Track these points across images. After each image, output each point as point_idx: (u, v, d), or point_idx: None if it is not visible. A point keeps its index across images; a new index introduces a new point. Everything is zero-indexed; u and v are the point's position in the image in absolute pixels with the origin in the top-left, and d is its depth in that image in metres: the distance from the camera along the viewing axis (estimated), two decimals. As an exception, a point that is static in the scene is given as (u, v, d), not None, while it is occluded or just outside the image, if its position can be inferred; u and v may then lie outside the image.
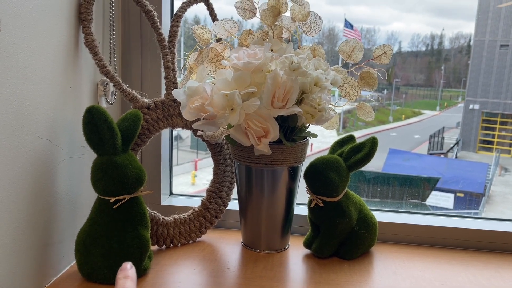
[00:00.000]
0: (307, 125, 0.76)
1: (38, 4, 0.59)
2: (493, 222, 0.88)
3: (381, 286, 0.70)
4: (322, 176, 0.75)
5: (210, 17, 0.85)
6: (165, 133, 0.91)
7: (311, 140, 0.81)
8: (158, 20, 0.77)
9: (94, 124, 0.63)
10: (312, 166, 0.77)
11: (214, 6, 0.84)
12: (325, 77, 0.72)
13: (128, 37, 0.85)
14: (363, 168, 0.79)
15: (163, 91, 0.82)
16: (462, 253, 0.83)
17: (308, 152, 0.80)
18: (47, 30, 0.62)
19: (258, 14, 0.77)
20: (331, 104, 0.78)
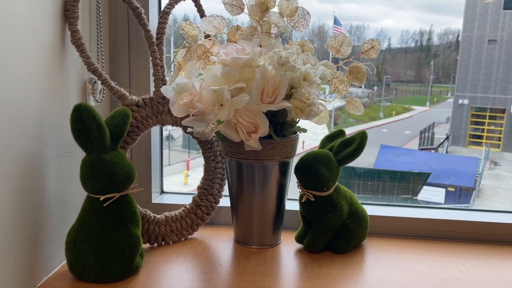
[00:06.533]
0: (297, 120, 0.77)
1: (22, 1, 0.59)
2: (484, 213, 0.89)
3: (372, 278, 0.70)
4: (312, 170, 0.75)
5: (198, 13, 0.85)
6: (155, 131, 0.91)
7: (303, 137, 0.81)
8: (145, 17, 0.76)
9: (82, 122, 0.63)
10: (302, 161, 0.77)
11: (205, 5, 0.84)
12: (314, 71, 0.72)
13: (116, 34, 0.85)
14: (355, 164, 0.79)
15: (152, 89, 0.82)
16: (453, 244, 0.84)
17: (300, 149, 0.80)
18: (32, 27, 0.61)
19: (246, 10, 0.77)
20: (320, 99, 0.79)
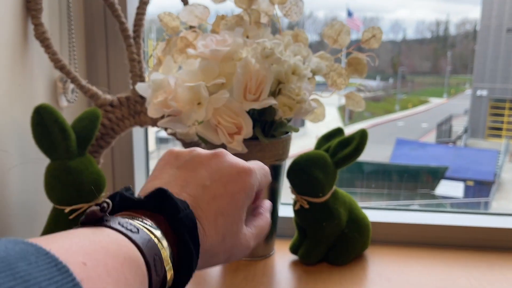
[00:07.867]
0: (289, 118, 0.69)
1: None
2: (501, 218, 0.80)
3: (373, 295, 0.62)
4: (305, 174, 0.68)
5: (182, 2, 0.78)
6: (139, 131, 0.84)
7: (317, 133, 0.74)
8: (119, 7, 0.70)
9: (44, 125, 0.56)
10: (295, 164, 0.69)
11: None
12: (306, 64, 0.65)
13: (92, 28, 0.78)
14: (370, 159, 0.72)
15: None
16: (464, 253, 0.75)
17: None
18: (-16, 21, 0.55)
19: (231, -3, 0.70)
20: (317, 94, 0.71)
